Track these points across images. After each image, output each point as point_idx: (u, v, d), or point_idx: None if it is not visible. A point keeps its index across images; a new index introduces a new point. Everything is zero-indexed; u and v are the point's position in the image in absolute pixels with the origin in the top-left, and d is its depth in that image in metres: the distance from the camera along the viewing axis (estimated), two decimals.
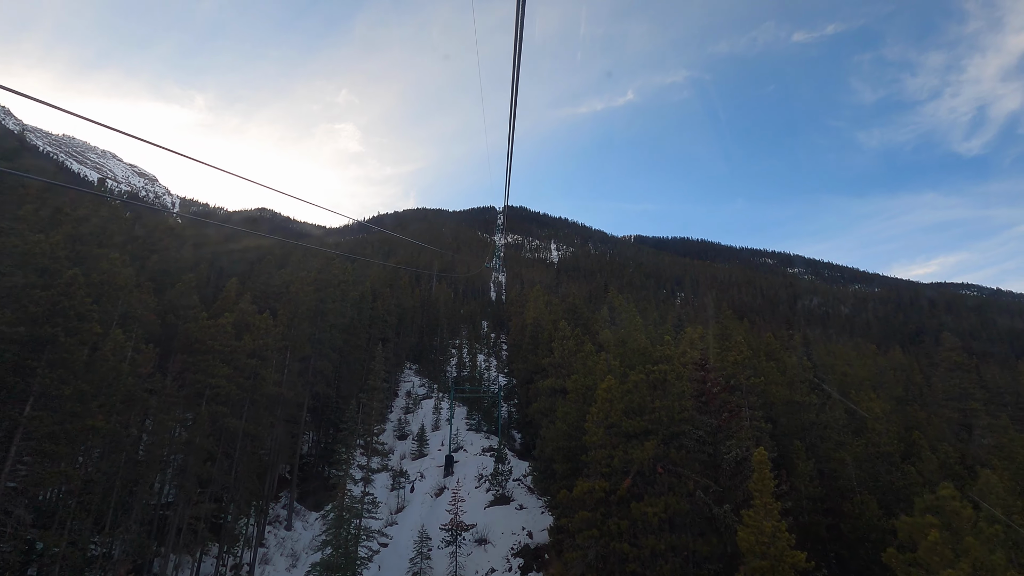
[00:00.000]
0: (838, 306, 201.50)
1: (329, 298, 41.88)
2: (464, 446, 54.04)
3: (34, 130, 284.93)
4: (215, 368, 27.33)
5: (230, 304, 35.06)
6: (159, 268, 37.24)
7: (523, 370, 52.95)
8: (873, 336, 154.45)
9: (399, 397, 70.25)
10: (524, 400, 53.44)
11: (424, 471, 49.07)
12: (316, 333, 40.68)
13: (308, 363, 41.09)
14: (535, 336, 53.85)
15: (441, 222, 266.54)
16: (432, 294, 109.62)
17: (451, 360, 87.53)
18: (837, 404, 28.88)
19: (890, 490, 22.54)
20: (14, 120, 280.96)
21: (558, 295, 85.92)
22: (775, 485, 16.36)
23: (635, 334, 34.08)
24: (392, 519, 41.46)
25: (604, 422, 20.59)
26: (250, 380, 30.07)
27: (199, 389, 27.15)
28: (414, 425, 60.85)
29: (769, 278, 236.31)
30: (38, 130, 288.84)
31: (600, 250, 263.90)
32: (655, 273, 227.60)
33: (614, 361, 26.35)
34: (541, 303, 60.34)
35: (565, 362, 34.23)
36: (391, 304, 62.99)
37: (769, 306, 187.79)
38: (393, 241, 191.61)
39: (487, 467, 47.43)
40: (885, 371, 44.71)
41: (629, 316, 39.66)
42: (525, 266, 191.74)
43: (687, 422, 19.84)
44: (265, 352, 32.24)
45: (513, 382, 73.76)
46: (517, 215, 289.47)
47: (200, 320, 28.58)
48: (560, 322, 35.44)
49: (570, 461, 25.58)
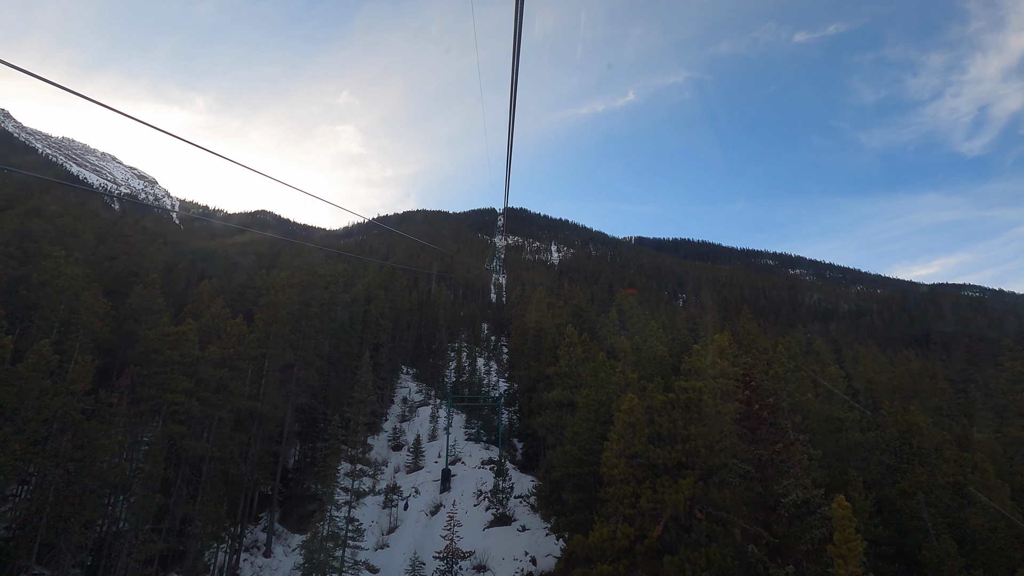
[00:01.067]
0: (841, 308, 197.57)
1: (315, 300, 38.09)
2: (462, 458, 50.24)
3: (33, 132, 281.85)
4: (173, 382, 23.55)
5: (202, 308, 31.28)
6: (126, 269, 33.41)
7: (525, 377, 49.15)
8: (880, 338, 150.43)
9: (395, 404, 66.36)
10: (526, 409, 49.61)
11: (419, 486, 45.22)
12: (300, 339, 36.92)
13: (291, 372, 37.31)
14: (537, 341, 50.03)
15: (441, 224, 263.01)
16: (431, 296, 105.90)
17: (450, 364, 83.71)
18: (887, 420, 25.00)
19: (959, 528, 18.77)
20: (13, 123, 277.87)
21: (560, 297, 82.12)
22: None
23: (651, 341, 30.29)
24: (383, 541, 37.61)
25: (626, 451, 16.81)
26: (217, 394, 26.29)
27: (154, 406, 23.39)
28: (410, 435, 57.00)
29: (771, 279, 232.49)
30: (37, 133, 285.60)
31: (601, 252, 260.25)
32: (656, 275, 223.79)
33: (631, 373, 22.61)
34: (543, 305, 56.53)
35: (573, 372, 30.43)
36: (386, 307, 59.20)
37: (772, 308, 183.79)
38: (392, 244, 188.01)
39: (487, 482, 43.62)
40: (919, 378, 40.83)
41: (642, 321, 35.90)
42: (526, 268, 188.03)
43: (729, 453, 16.10)
44: (237, 361, 28.47)
45: (514, 387, 69.97)
46: (517, 216, 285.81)
47: (161, 327, 24.82)
48: (567, 327, 31.63)
49: (582, 490, 21.78)
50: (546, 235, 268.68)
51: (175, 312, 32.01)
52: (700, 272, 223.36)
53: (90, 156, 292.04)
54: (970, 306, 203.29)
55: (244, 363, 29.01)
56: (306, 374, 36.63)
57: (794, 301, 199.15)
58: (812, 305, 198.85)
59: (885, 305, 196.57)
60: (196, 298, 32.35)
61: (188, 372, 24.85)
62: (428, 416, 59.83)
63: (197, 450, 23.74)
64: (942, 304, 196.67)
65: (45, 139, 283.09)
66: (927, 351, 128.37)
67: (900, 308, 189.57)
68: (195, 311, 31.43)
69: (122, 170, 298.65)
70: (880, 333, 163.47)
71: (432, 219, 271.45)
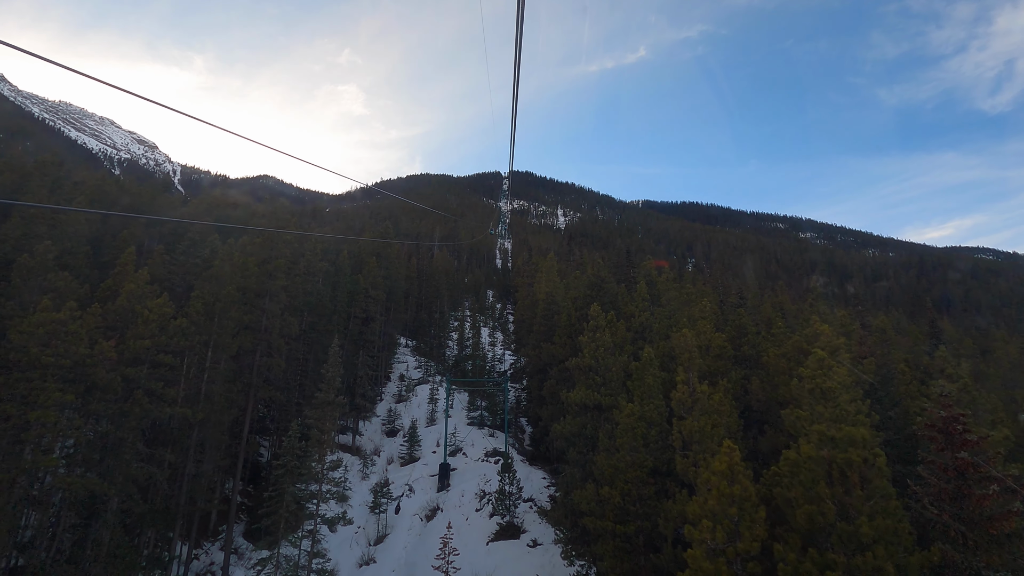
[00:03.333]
0: (856, 272, 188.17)
1: (280, 272, 30.36)
2: (463, 447, 43.50)
3: (29, 96, 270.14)
4: (42, 393, 16.22)
5: (120, 285, 23.65)
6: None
7: (534, 357, 41.77)
8: (900, 305, 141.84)
9: (391, 382, 59.55)
10: (536, 395, 42.48)
11: (414, 483, 38.57)
12: (263, 319, 29.48)
13: (253, 360, 30.01)
14: (549, 317, 42.34)
15: (446, 188, 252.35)
16: (432, 263, 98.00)
17: (452, 335, 76.62)
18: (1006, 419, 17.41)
19: None
20: (8, 86, 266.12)
21: (571, 263, 73.96)
22: None
23: (705, 327, 22.47)
24: (370, 555, 31.07)
25: (725, 548, 9.29)
26: (123, 403, 19.01)
27: (13, 430, 16.11)
28: (406, 418, 50.28)
29: (783, 244, 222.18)
30: (34, 96, 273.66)
31: (608, 216, 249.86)
32: (665, 239, 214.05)
33: (702, 386, 14.86)
34: (554, 274, 48.55)
35: (600, 365, 22.79)
36: (378, 276, 51.46)
37: (785, 273, 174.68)
38: (396, 209, 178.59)
39: (491, 480, 36.93)
40: (1002, 361, 33.04)
41: (679, 298, 27.96)
42: (532, 232, 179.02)
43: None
44: (160, 356, 21.07)
45: (521, 361, 63.01)
46: (523, 180, 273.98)
47: (30, 317, 17.30)
48: (592, 306, 23.77)
49: (626, 557, 14.44)
50: (552, 199, 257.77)
51: (90, 293, 24.39)
52: (710, 236, 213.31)
53: (88, 120, 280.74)
54: (989, 269, 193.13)
55: (172, 357, 21.60)
56: (268, 362, 29.29)
57: (808, 265, 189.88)
58: (826, 270, 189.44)
59: (903, 269, 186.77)
60: (117, 273, 24.66)
61: (71, 377, 17.44)
62: (427, 396, 52.92)
63: (81, 486, 16.54)
64: (960, 267, 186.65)
65: (41, 103, 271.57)
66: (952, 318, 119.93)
67: (918, 272, 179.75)
68: (113, 290, 23.82)
69: (121, 135, 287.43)
70: (898, 298, 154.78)
71: (436, 183, 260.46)
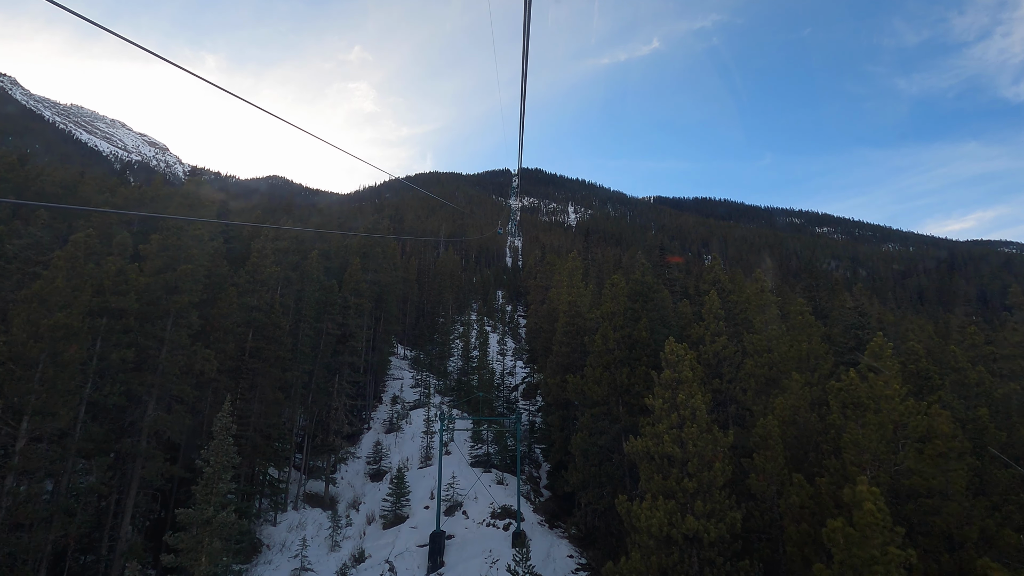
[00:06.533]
0: (879, 269, 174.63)
1: (187, 279, 20.01)
2: (464, 501, 32.65)
3: (41, 100, 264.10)
4: None
5: None
6: None
7: (556, 388, 30.92)
8: (932, 302, 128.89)
9: (383, 404, 49.03)
10: (558, 438, 31.62)
11: (397, 557, 27.86)
12: (163, 351, 19.21)
13: (145, 412, 19.68)
14: (573, 334, 31.43)
15: (455, 185, 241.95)
16: (438, 263, 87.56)
17: (456, 342, 66.03)
18: None
19: None
20: (21, 90, 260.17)
21: (590, 262, 62.95)
22: None
23: (817, 348, 11.72)
24: None
25: None
26: None
27: None
28: (395, 455, 39.78)
29: (801, 239, 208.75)
30: (45, 100, 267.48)
31: (620, 212, 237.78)
32: (679, 236, 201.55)
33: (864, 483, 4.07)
34: (577, 278, 37.65)
35: (690, 454, 12.09)
36: (361, 282, 40.98)
37: (806, 270, 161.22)
38: (401, 206, 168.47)
39: (500, 557, 26.42)
40: None
41: (782, 311, 17.29)
42: (542, 230, 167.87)
43: None
44: None
45: (535, 376, 52.59)
46: (533, 177, 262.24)
47: None
48: (668, 341, 12.98)
49: None
50: (562, 196, 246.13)
51: None
52: (726, 232, 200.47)
53: (99, 123, 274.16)
54: (1022, 264, 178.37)
55: None
56: (163, 419, 18.92)
57: (829, 262, 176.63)
58: (850, 266, 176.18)
59: (935, 264, 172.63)
60: None
61: None
62: (423, 424, 42.27)
63: None
64: (992, 261, 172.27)
65: (53, 106, 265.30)
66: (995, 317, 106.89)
67: (948, 268, 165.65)
68: None
69: (132, 137, 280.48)
70: (930, 296, 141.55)
71: (445, 180, 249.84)
